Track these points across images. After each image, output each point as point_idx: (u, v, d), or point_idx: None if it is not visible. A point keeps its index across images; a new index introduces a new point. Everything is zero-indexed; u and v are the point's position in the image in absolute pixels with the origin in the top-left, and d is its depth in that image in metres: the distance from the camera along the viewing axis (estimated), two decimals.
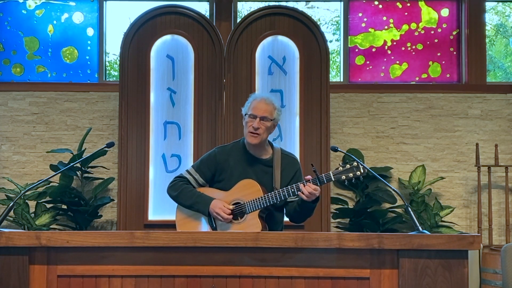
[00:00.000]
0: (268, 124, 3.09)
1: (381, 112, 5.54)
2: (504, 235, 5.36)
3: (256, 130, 3.06)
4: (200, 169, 3.20)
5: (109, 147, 3.05)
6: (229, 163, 3.15)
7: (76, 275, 2.34)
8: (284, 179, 3.14)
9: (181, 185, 3.17)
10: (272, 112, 3.10)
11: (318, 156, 4.89)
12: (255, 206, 3.02)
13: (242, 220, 3.05)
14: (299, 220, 3.16)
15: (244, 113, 3.15)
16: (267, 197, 3.01)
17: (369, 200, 5.15)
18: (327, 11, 5.84)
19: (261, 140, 3.09)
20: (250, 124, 3.07)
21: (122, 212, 4.88)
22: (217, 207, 3.04)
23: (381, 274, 2.30)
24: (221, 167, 3.16)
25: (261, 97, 3.14)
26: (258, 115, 3.06)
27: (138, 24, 5.02)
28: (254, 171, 3.13)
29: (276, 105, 3.14)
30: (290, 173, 3.17)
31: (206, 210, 3.07)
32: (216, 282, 2.32)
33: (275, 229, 3.15)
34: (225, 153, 3.19)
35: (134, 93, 4.98)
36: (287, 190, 2.98)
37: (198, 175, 3.19)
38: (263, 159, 3.17)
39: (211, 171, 3.18)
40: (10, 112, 5.49)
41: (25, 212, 4.91)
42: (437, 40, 5.67)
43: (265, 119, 3.07)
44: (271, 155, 3.18)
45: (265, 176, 3.13)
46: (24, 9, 5.66)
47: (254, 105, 3.10)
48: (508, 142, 5.52)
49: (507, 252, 3.16)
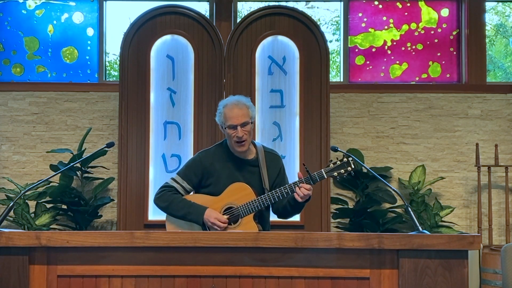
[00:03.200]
0: (250, 127, 3.05)
1: (381, 112, 5.54)
2: (504, 235, 5.36)
3: (241, 139, 3.02)
4: (187, 176, 3.13)
5: (109, 147, 3.05)
6: (215, 166, 3.10)
7: (76, 275, 2.34)
8: (271, 177, 3.12)
9: (170, 196, 3.08)
10: (248, 113, 3.04)
11: (318, 156, 4.89)
12: (250, 209, 2.99)
13: (237, 225, 3.00)
14: (288, 217, 3.17)
15: (222, 126, 3.08)
16: (260, 200, 2.98)
17: (369, 200, 5.15)
18: (327, 11, 5.84)
19: (248, 145, 3.08)
20: (234, 135, 3.01)
21: (122, 212, 4.88)
22: (212, 217, 2.97)
23: (381, 274, 2.30)
24: (208, 172, 3.10)
25: (231, 104, 3.05)
26: (237, 124, 3.00)
27: (138, 24, 5.02)
28: (241, 173, 3.10)
29: (248, 104, 3.08)
30: (275, 170, 3.15)
31: (200, 220, 3.00)
32: (216, 282, 2.32)
33: (266, 228, 3.14)
34: (210, 157, 3.13)
35: (134, 93, 4.98)
36: (280, 192, 2.96)
37: (185, 182, 3.12)
38: (248, 160, 3.13)
39: (197, 177, 3.12)
40: (10, 112, 5.49)
41: (25, 212, 4.91)
42: (437, 40, 5.67)
43: (245, 124, 3.02)
44: (255, 154, 3.15)
45: (252, 177, 3.10)
46: (24, 9, 5.66)
47: (229, 115, 3.02)
48: (508, 142, 5.52)
49: (507, 252, 3.16)
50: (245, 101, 3.09)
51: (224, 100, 3.16)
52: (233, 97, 3.14)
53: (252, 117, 3.08)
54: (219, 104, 3.14)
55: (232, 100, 3.11)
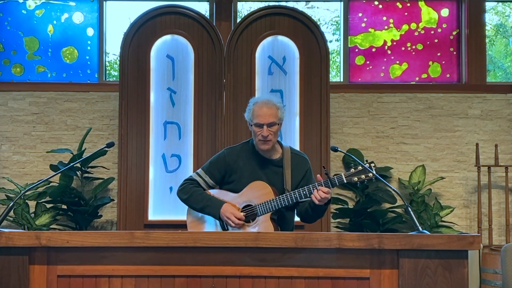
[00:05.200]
0: (276, 128, 3.04)
1: (381, 112, 5.54)
2: (504, 235, 5.36)
3: (266, 138, 3.02)
4: (210, 171, 3.15)
5: (109, 147, 3.05)
6: (239, 164, 3.11)
7: (76, 275, 2.34)
8: (295, 179, 3.10)
9: (191, 188, 3.12)
10: (277, 114, 3.03)
11: (318, 156, 4.89)
12: (267, 208, 2.98)
13: (254, 223, 3.00)
14: (311, 220, 3.13)
15: (249, 123, 3.09)
16: (278, 200, 2.97)
17: (369, 200, 5.15)
18: (327, 11, 5.84)
19: (273, 144, 3.07)
20: (259, 133, 3.01)
21: (122, 212, 4.88)
22: (228, 211, 2.98)
23: (381, 274, 2.30)
24: (231, 169, 3.12)
25: (262, 102, 3.05)
26: (264, 123, 3.00)
27: (138, 24, 5.02)
28: (264, 172, 3.09)
29: (278, 105, 3.07)
30: (300, 173, 3.13)
31: (217, 214, 3.02)
32: (216, 282, 2.32)
33: (287, 229, 3.10)
34: (235, 154, 3.14)
35: (134, 93, 4.98)
36: (298, 193, 2.95)
37: (208, 177, 3.15)
38: (273, 160, 3.12)
39: (221, 172, 3.14)
40: (10, 112, 5.49)
41: (25, 212, 4.91)
42: (437, 40, 5.67)
43: (272, 124, 3.02)
44: (281, 154, 3.14)
45: (275, 177, 3.09)
46: (24, 9, 5.66)
47: (257, 112, 3.02)
48: (508, 142, 5.52)
49: (507, 252, 3.16)
50: (276, 102, 3.08)
51: (256, 98, 3.17)
52: (265, 95, 3.14)
53: (281, 119, 3.07)
54: (250, 101, 3.14)
55: (263, 98, 3.11)
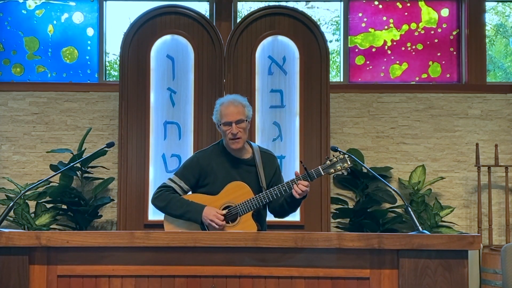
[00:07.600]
0: (245, 125, 3.08)
1: (381, 112, 5.54)
2: (504, 235, 5.36)
3: (236, 136, 3.05)
4: (184, 175, 3.15)
5: (109, 147, 3.05)
6: (212, 166, 3.13)
7: (76, 275, 2.34)
8: (268, 176, 3.15)
9: (168, 195, 3.10)
10: (244, 112, 3.09)
11: (318, 156, 4.89)
12: (248, 207, 3.01)
13: (235, 223, 3.03)
14: (285, 215, 3.19)
15: (218, 124, 3.13)
16: (259, 198, 3.00)
17: (369, 200, 5.15)
18: (327, 11, 5.84)
19: (243, 142, 3.11)
20: (229, 131, 3.05)
21: (122, 212, 4.88)
22: (211, 214, 2.99)
23: (381, 274, 2.30)
24: (205, 172, 3.13)
25: (228, 102, 3.11)
26: (232, 120, 3.05)
27: (138, 24, 5.02)
28: (238, 172, 3.12)
29: (244, 103, 3.13)
30: (271, 170, 3.18)
31: (198, 218, 3.01)
32: (216, 282, 2.32)
33: (263, 227, 3.17)
34: (207, 156, 3.16)
35: (134, 93, 4.98)
36: (278, 189, 2.99)
37: (182, 182, 3.14)
38: (245, 159, 3.16)
39: (195, 176, 3.14)
40: (10, 112, 5.49)
41: (25, 212, 4.91)
42: (437, 40, 5.67)
43: (240, 121, 3.06)
44: (252, 154, 3.18)
45: (249, 176, 3.12)
46: (24, 9, 5.66)
47: (225, 112, 3.07)
48: (508, 142, 5.52)
49: (507, 252, 3.16)
50: (241, 100, 3.14)
51: (221, 99, 3.20)
52: (229, 95, 3.19)
53: (248, 116, 3.11)
54: (216, 103, 3.18)
55: (228, 98, 3.16)
